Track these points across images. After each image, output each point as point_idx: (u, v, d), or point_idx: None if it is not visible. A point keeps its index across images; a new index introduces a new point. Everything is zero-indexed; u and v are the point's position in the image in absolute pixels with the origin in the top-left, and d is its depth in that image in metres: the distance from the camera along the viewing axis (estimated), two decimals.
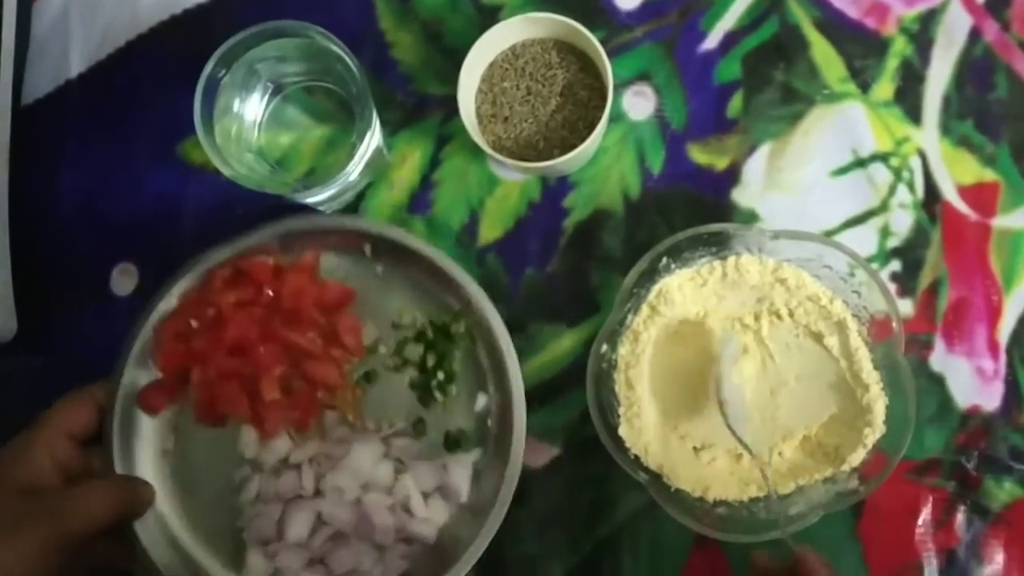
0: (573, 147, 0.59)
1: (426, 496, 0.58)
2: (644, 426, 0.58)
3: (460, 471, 0.59)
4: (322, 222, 0.62)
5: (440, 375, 0.60)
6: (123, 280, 0.69)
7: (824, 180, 0.64)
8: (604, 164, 0.65)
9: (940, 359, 0.62)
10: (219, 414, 0.59)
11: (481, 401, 0.60)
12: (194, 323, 0.59)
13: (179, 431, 0.61)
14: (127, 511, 0.54)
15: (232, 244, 0.60)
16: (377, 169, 0.66)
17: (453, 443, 0.60)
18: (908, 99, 0.64)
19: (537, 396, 0.62)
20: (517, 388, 0.58)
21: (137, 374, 0.60)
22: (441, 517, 0.59)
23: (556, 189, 0.65)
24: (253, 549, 0.58)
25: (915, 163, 0.64)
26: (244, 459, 0.60)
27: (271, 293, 0.59)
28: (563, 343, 0.63)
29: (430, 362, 0.60)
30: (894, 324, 0.56)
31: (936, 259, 0.63)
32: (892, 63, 0.65)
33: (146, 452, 0.60)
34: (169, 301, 0.60)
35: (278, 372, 0.58)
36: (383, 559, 0.58)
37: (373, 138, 0.62)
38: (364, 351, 0.61)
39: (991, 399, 0.61)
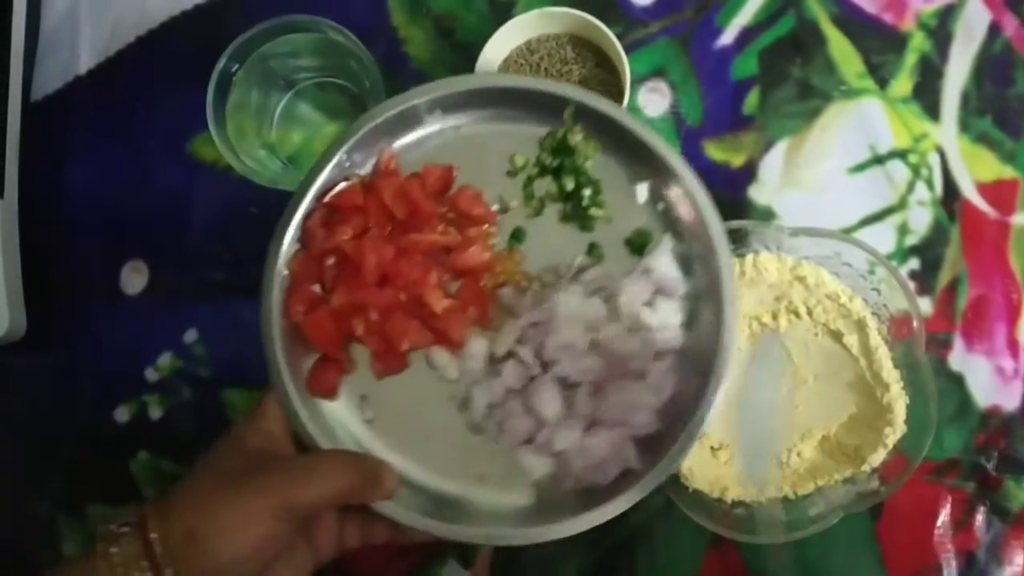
0: None
1: (648, 305, 0.53)
2: None
3: (662, 263, 0.53)
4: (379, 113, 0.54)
5: (587, 191, 0.54)
6: (133, 278, 0.68)
7: (841, 177, 0.63)
8: None
9: (959, 358, 0.61)
10: (400, 355, 0.53)
11: (642, 191, 0.54)
12: (316, 287, 0.54)
13: (366, 398, 0.54)
14: (363, 491, 0.49)
15: (303, 189, 0.54)
16: None
17: (638, 246, 0.54)
18: (926, 95, 0.63)
19: None
20: (674, 157, 0.52)
21: (293, 365, 0.53)
22: (675, 316, 0.53)
23: None
24: (521, 452, 0.52)
25: (933, 160, 0.63)
26: (449, 382, 0.54)
27: (389, 206, 0.53)
28: None
29: (569, 186, 0.54)
30: (914, 322, 0.56)
31: (955, 257, 0.62)
32: (910, 59, 0.64)
33: (349, 435, 0.54)
34: (276, 279, 0.53)
35: (434, 280, 0.53)
36: (649, 387, 0.52)
37: None
38: (496, 214, 0.55)
39: (1011, 399, 0.60)
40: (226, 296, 0.67)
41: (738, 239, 0.57)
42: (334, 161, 0.53)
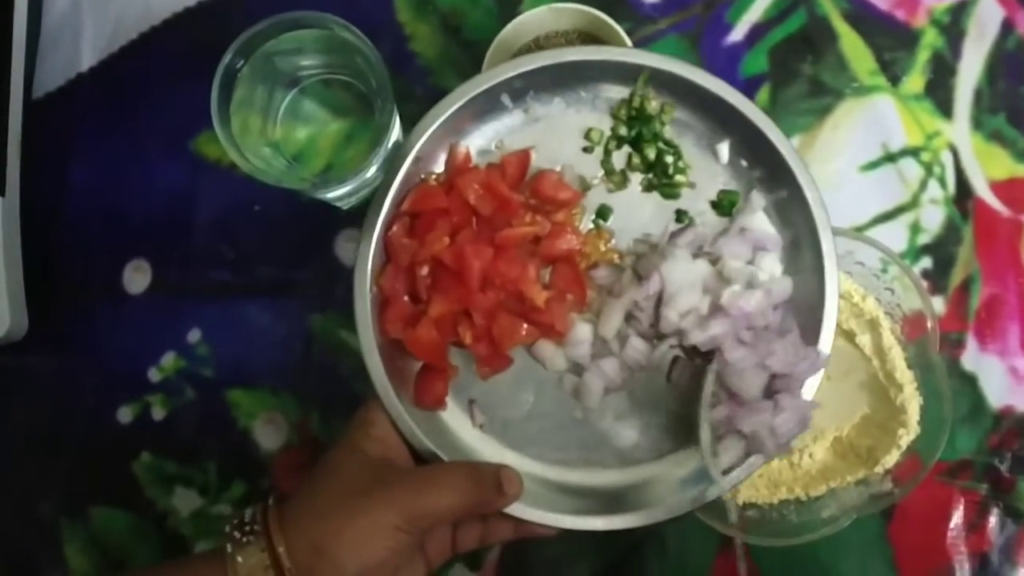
0: None
1: (751, 263, 0.52)
2: None
3: (756, 220, 0.52)
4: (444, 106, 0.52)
5: (668, 159, 0.53)
6: (136, 277, 0.68)
7: (853, 175, 0.63)
8: None
9: (972, 358, 0.61)
10: (505, 354, 0.52)
11: (723, 151, 0.53)
12: (405, 297, 0.52)
13: (475, 401, 0.53)
14: (488, 501, 0.48)
15: (380, 198, 0.52)
16: None
17: (727, 207, 0.53)
18: (939, 92, 0.63)
19: None
20: (753, 110, 0.51)
21: (395, 380, 0.52)
22: (776, 267, 0.52)
23: None
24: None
25: (946, 158, 0.62)
26: (555, 371, 0.53)
27: (474, 204, 0.52)
28: None
29: (651, 155, 0.53)
30: (928, 322, 0.55)
31: (968, 256, 0.61)
32: (923, 56, 0.63)
33: (464, 441, 0.53)
34: (368, 295, 0.51)
35: (533, 274, 0.52)
36: (779, 336, 0.51)
37: (393, 132, 0.60)
38: (579, 193, 0.54)
39: None
40: (230, 295, 0.66)
41: None
42: (406, 165, 0.51)
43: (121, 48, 0.70)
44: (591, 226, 0.53)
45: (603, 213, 0.54)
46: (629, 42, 0.58)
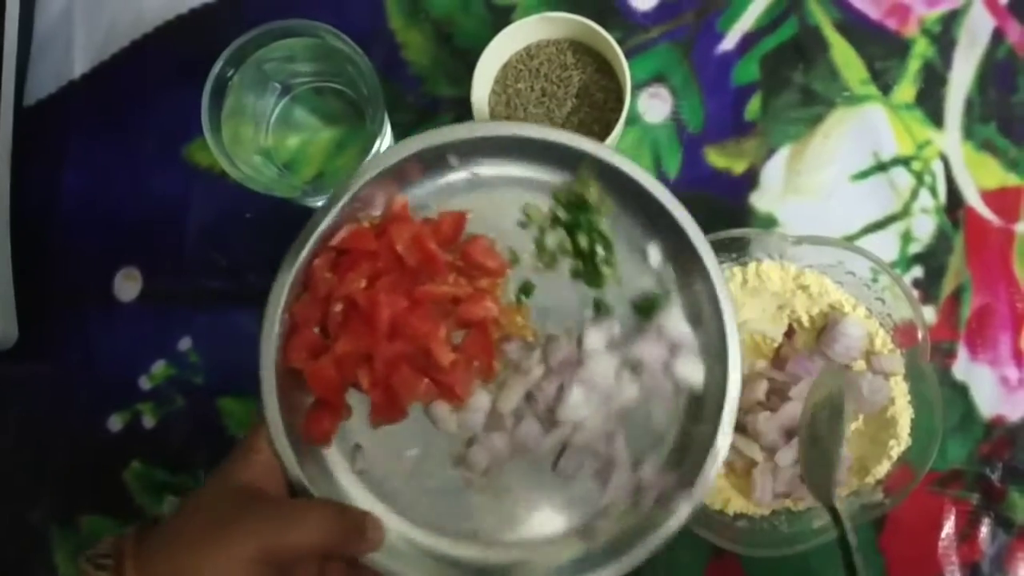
0: None
1: (665, 364, 0.52)
2: None
3: (674, 325, 0.52)
4: (400, 151, 0.51)
5: (599, 249, 0.53)
6: (127, 285, 0.68)
7: (844, 184, 0.63)
8: None
9: (963, 368, 0.60)
10: (401, 407, 0.51)
11: (654, 254, 0.53)
12: (316, 329, 0.52)
13: (360, 447, 0.52)
14: (348, 543, 0.48)
15: (308, 230, 0.51)
16: None
17: (647, 309, 0.52)
18: (930, 102, 0.63)
19: None
20: (683, 216, 0.51)
21: (287, 409, 0.51)
22: (692, 368, 0.52)
23: None
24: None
25: (937, 167, 0.62)
26: (446, 435, 0.52)
27: (402, 254, 0.51)
28: None
29: (583, 244, 0.53)
30: (919, 332, 0.55)
31: (959, 265, 0.61)
32: (914, 65, 0.63)
33: (340, 483, 0.52)
34: (278, 321, 0.50)
35: (443, 334, 0.51)
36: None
37: (384, 140, 0.60)
38: (507, 265, 0.53)
39: (1015, 409, 0.60)
40: (220, 304, 0.66)
41: (740, 247, 0.57)
42: (342, 203, 0.50)
43: (113, 55, 0.70)
44: (512, 299, 0.53)
45: (527, 289, 0.53)
46: (620, 51, 0.58)
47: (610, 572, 0.49)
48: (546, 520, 0.52)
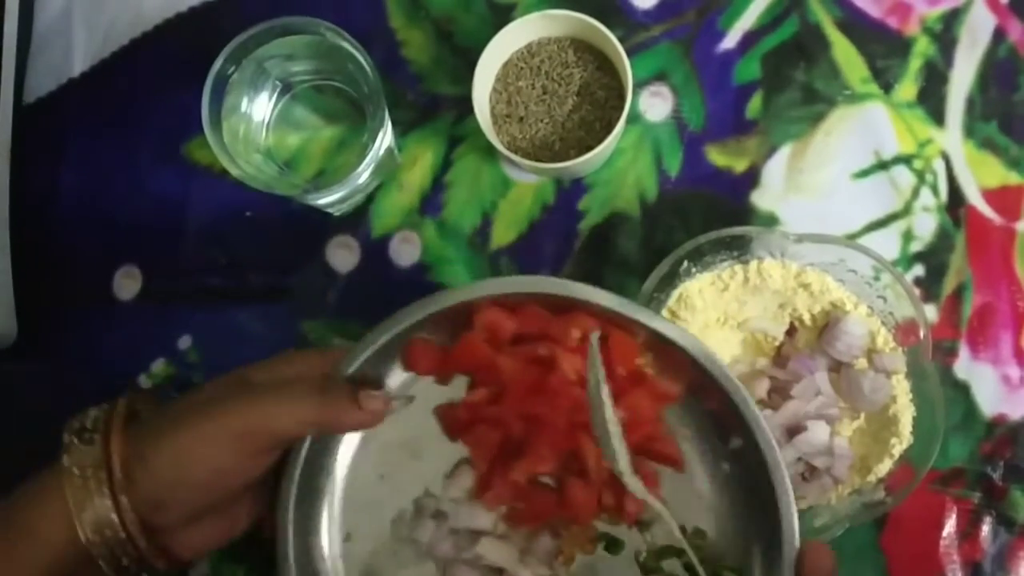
0: (590, 148, 0.58)
1: None
2: None
3: None
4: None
5: None
6: (126, 284, 0.67)
7: (846, 182, 0.62)
8: (620, 166, 0.64)
9: (965, 366, 0.60)
10: (506, 491, 0.46)
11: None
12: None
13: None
14: (341, 417, 0.45)
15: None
16: (388, 171, 0.64)
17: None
18: (931, 100, 0.63)
19: None
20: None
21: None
22: None
23: (571, 191, 0.64)
24: None
25: (938, 165, 0.62)
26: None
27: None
28: None
29: None
30: (921, 330, 0.55)
31: (960, 264, 0.61)
32: (915, 63, 0.63)
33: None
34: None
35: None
36: None
37: (384, 139, 0.60)
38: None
39: (1017, 407, 0.60)
40: (220, 302, 0.66)
41: (741, 246, 0.57)
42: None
43: (112, 54, 0.70)
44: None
45: (612, 547, 0.48)
46: (621, 49, 0.58)
47: None
48: None
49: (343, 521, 0.49)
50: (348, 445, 0.50)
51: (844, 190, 0.62)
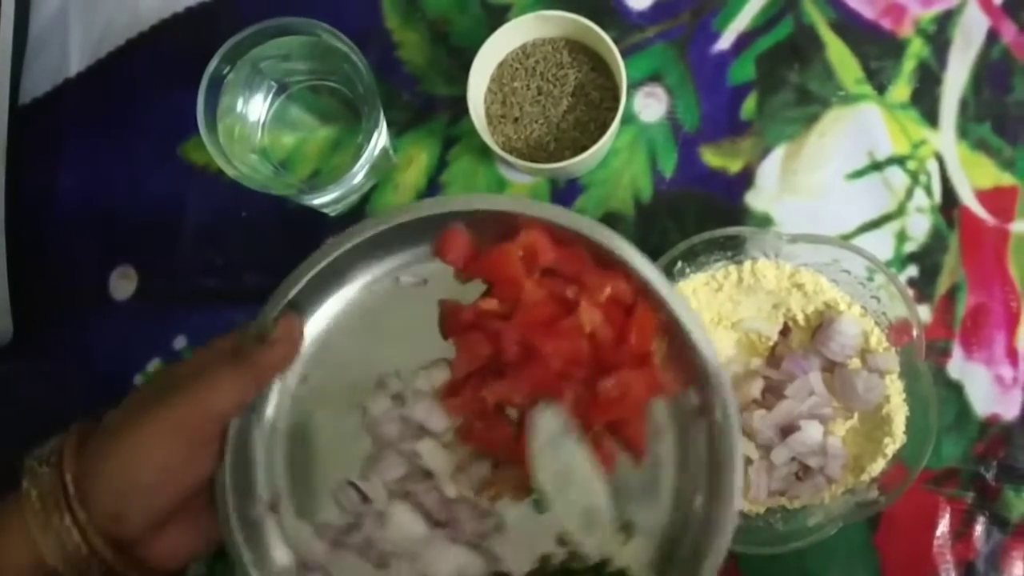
0: (585, 149, 0.58)
1: None
2: None
3: None
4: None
5: None
6: (122, 284, 0.67)
7: (840, 183, 0.63)
8: (615, 167, 0.64)
9: (958, 366, 0.61)
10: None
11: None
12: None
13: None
14: (248, 371, 0.45)
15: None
16: (383, 171, 0.64)
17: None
18: (925, 101, 0.63)
19: None
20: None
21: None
22: None
23: (565, 192, 0.64)
24: None
25: (932, 166, 0.62)
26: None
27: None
28: None
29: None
30: (914, 330, 0.55)
31: (954, 264, 0.61)
32: (909, 65, 0.63)
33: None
34: None
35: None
36: None
37: (379, 139, 0.60)
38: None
39: (1010, 407, 0.60)
40: (216, 302, 0.66)
41: (735, 246, 0.57)
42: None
43: (109, 54, 0.70)
44: None
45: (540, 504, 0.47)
46: (616, 50, 0.58)
47: None
48: None
49: (307, 362, 0.49)
50: (340, 299, 0.50)
51: (838, 191, 0.63)
